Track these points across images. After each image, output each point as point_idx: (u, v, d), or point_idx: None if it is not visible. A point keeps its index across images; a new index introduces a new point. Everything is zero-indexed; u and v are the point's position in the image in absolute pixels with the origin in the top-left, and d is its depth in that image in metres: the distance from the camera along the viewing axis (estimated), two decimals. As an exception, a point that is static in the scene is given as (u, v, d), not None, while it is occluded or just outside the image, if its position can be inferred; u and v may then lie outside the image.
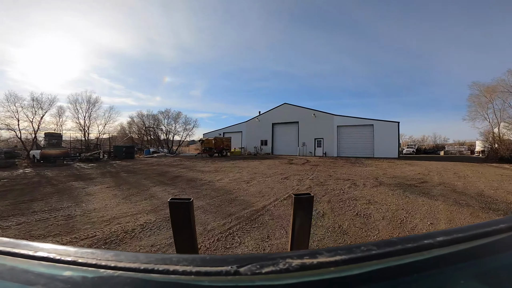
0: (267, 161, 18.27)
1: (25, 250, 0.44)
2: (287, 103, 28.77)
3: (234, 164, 15.69)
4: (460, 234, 0.43)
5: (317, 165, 15.35)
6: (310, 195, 0.83)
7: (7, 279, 0.39)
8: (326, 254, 0.37)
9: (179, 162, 18.07)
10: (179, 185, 8.00)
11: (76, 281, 0.37)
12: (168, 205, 0.78)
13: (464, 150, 37.57)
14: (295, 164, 15.88)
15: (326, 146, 25.42)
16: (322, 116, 25.91)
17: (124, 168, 14.16)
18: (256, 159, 19.87)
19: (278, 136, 29.10)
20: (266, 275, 0.34)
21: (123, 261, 0.38)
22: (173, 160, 19.73)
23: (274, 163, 16.17)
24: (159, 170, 12.63)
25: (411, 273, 0.37)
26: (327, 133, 25.39)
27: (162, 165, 15.26)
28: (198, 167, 13.99)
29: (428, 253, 0.39)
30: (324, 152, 25.28)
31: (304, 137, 26.63)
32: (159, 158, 22.56)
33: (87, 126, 27.16)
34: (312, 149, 26.13)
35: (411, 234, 3.27)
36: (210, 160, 19.17)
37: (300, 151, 26.61)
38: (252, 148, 30.03)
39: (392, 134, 22.93)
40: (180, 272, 0.35)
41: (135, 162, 18.81)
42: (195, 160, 19.48)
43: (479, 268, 0.41)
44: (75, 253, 0.42)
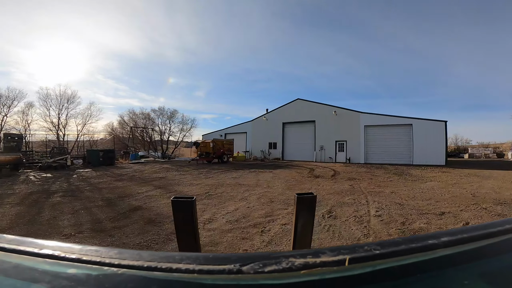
0: (280, 171, 14.02)
1: (30, 248, 0.45)
2: (301, 98, 24.56)
3: (237, 177, 11.44)
4: (465, 235, 0.43)
5: (354, 178, 11.04)
6: (313, 195, 0.87)
7: (12, 276, 0.40)
8: (329, 253, 0.37)
9: (164, 172, 13.95)
10: (118, 238, 3.87)
11: (80, 278, 0.38)
12: (171, 203, 0.81)
13: (490, 153, 33.82)
14: (321, 177, 11.58)
15: (350, 150, 21.04)
16: (345, 114, 21.58)
17: (75, 183, 10.05)
18: (266, 168, 15.64)
19: (290, 138, 24.82)
20: (269, 274, 0.34)
21: (126, 259, 0.39)
22: (158, 168, 15.63)
23: (292, 176, 11.92)
24: (121, 189, 8.50)
25: (415, 273, 0.37)
26: (352, 135, 21.03)
27: (136, 179, 11.14)
28: (183, 183, 9.79)
29: (432, 253, 0.39)
30: (348, 157, 20.91)
31: (322, 139, 22.31)
32: (144, 165, 18.52)
33: (62, 126, 23.36)
34: (332, 153, 21.77)
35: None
36: (206, 169, 14.99)
37: (317, 156, 22.27)
38: (259, 152, 25.83)
39: (437, 135, 18.47)
40: (183, 270, 0.35)
41: (109, 170, 14.80)
42: (186, 169, 15.33)
43: (484, 268, 0.41)
44: (79, 250, 0.43)
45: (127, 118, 34.18)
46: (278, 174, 12.60)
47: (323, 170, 14.44)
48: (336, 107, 22.08)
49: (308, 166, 17.27)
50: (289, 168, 15.93)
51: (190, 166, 17.51)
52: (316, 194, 0.89)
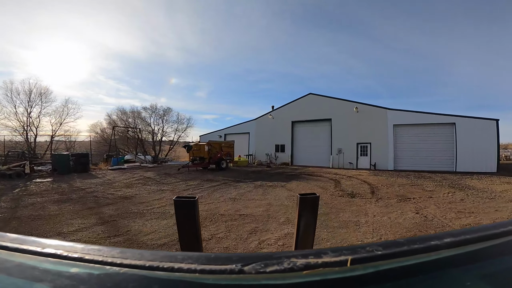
0: (296, 185, 10.63)
1: (33, 247, 0.46)
2: (314, 93, 21.17)
3: (237, 198, 8.07)
4: (468, 236, 0.43)
5: (406, 197, 7.76)
6: (315, 195, 0.90)
7: (14, 275, 0.41)
8: (331, 254, 0.38)
9: (139, 185, 10.61)
10: None
11: (82, 277, 0.38)
12: (174, 203, 0.83)
13: (511, 155, 30.82)
14: (358, 196, 8.20)
15: (376, 154, 17.59)
16: (368, 110, 18.14)
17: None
18: (275, 178, 12.25)
19: (301, 140, 21.40)
20: (271, 274, 0.35)
21: (128, 258, 0.39)
22: (136, 179, 12.31)
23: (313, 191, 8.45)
24: (42, 221, 5.16)
25: (417, 274, 0.37)
26: (377, 136, 17.60)
27: (90, 198, 7.83)
28: (152, 211, 6.46)
29: (434, 254, 0.39)
30: (373, 163, 17.45)
31: (340, 141, 18.88)
32: (123, 173, 15.23)
33: (33, 125, 20.18)
34: (352, 158, 18.33)
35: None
36: (198, 181, 11.64)
37: (334, 161, 18.83)
38: (263, 155, 22.45)
39: (486, 137, 14.99)
40: (184, 270, 0.36)
41: (72, 181, 11.55)
42: (172, 180, 12.00)
43: (486, 270, 0.41)
44: (82, 250, 0.44)
45: (116, 117, 31.07)
46: (294, 189, 9.21)
47: (352, 183, 11.01)
48: (358, 102, 18.66)
49: (328, 175, 13.84)
50: (306, 179, 12.51)
51: (180, 174, 14.17)
52: (319, 195, 0.90)
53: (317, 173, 14.58)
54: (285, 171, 15.86)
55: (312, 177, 13.03)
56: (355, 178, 12.42)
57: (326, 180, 11.86)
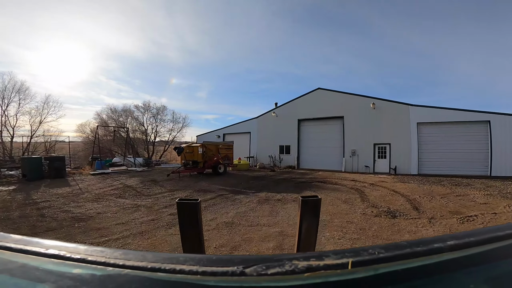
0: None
1: (36, 248, 0.46)
2: (323, 88, 19.07)
3: (235, 222, 6.05)
4: (471, 238, 0.43)
5: (461, 213, 5.51)
6: (317, 198, 0.88)
7: (18, 276, 0.42)
8: (333, 256, 0.38)
9: (114, 197, 8.55)
10: None
11: (85, 278, 0.39)
12: (176, 205, 0.84)
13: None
14: (400, 214, 6.05)
15: (396, 156, 15.50)
16: (388, 107, 16.04)
17: None
18: (283, 187, 10.17)
19: (309, 140, 19.31)
20: (272, 276, 0.35)
21: (131, 259, 0.40)
22: (115, 188, 10.24)
23: (341, 211, 6.52)
24: None
25: (420, 277, 0.37)
26: (398, 135, 15.50)
27: (33, 217, 5.73)
28: (109, 245, 4.27)
29: (438, 257, 0.39)
30: (393, 166, 15.33)
31: (354, 141, 16.79)
32: (103, 179, 13.17)
33: (9, 125, 18.15)
34: (368, 161, 16.23)
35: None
36: (188, 191, 9.57)
37: (348, 164, 16.73)
38: (266, 157, 20.38)
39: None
40: (186, 272, 0.36)
41: (38, 190, 9.49)
42: (156, 190, 9.93)
43: (490, 272, 0.41)
44: (85, 251, 0.44)
45: (105, 116, 29.02)
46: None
47: (380, 193, 8.91)
48: (375, 98, 16.54)
49: (346, 182, 11.72)
50: (320, 187, 10.40)
51: (168, 181, 12.07)
52: (321, 198, 0.88)
53: (331, 179, 12.47)
54: (293, 177, 13.76)
55: (327, 185, 10.91)
56: (380, 187, 10.32)
57: (346, 189, 9.75)
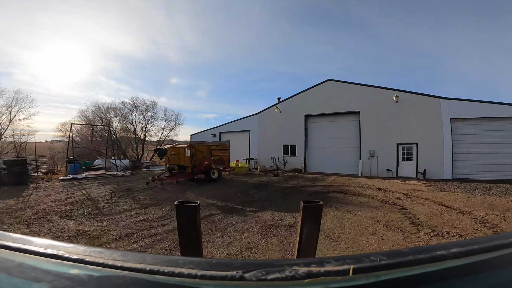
0: (335, 217, 6.14)
1: (35, 247, 0.46)
2: (333, 79, 16.69)
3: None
4: (475, 246, 0.43)
5: None
6: (319, 203, 0.89)
7: (15, 275, 0.42)
8: (333, 262, 0.38)
9: (62, 215, 6.25)
10: None
11: (82, 279, 0.39)
12: (175, 208, 0.84)
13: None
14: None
15: (425, 158, 13.14)
16: (414, 100, 13.66)
17: None
18: (293, 202, 7.77)
19: (317, 139, 16.92)
20: (272, 281, 0.35)
21: (129, 261, 0.40)
22: (73, 201, 7.91)
23: (378, 237, 3.97)
24: None
25: (422, 284, 0.37)
26: (427, 134, 13.15)
27: None
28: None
29: (440, 264, 0.39)
30: (422, 170, 12.96)
31: (373, 140, 14.41)
32: (71, 186, 10.84)
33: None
34: (391, 163, 13.85)
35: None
36: (166, 207, 7.19)
37: (365, 167, 14.34)
38: (268, 159, 18.03)
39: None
40: (185, 275, 0.36)
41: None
42: (122, 207, 7.55)
43: (493, 280, 0.41)
44: (83, 251, 0.44)
45: (90, 115, 26.59)
46: (340, 237, 4.72)
47: (429, 210, 6.53)
48: (396, 90, 14.15)
49: (371, 191, 9.34)
50: (343, 201, 8.00)
51: (147, 191, 9.67)
52: (322, 203, 0.90)
53: (351, 188, 10.07)
54: (302, 184, 11.36)
55: (350, 197, 8.51)
56: (420, 198, 7.94)
57: (378, 204, 7.36)
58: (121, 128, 26.34)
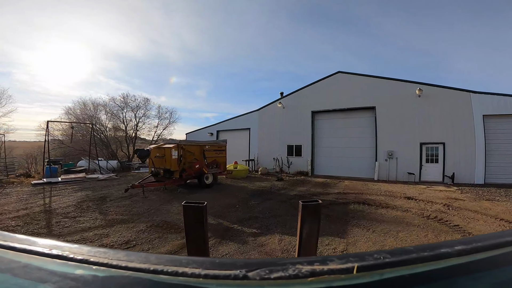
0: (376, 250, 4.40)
1: (40, 248, 0.46)
2: (344, 71, 15.04)
3: None
4: (479, 243, 0.43)
5: None
6: (318, 202, 0.89)
7: (20, 276, 0.42)
8: (337, 261, 0.38)
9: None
10: None
11: (87, 279, 0.39)
12: (182, 208, 0.85)
13: None
14: None
15: (453, 160, 11.52)
16: (440, 94, 12.03)
17: None
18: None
19: (326, 138, 15.28)
20: (275, 280, 0.35)
21: (133, 261, 0.40)
22: (25, 214, 6.24)
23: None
24: None
25: (426, 282, 0.37)
26: (455, 132, 11.55)
27: None
28: None
29: (444, 262, 0.39)
30: (450, 174, 11.32)
31: (392, 140, 12.78)
32: (38, 193, 9.24)
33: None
34: (413, 166, 12.22)
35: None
36: (142, 227, 5.48)
37: (383, 170, 12.71)
38: (270, 160, 16.43)
39: None
40: (189, 274, 0.36)
41: None
42: (80, 225, 5.82)
43: (498, 278, 0.41)
44: (88, 252, 0.44)
45: (79, 112, 24.91)
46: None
47: (488, 228, 4.80)
48: (419, 83, 12.49)
49: (400, 200, 7.69)
50: (369, 216, 6.34)
51: (124, 200, 8.02)
52: (321, 202, 0.89)
53: (372, 196, 8.42)
54: (312, 191, 9.71)
55: (377, 210, 6.85)
56: (465, 210, 6.29)
57: (417, 220, 5.69)
58: (112, 127, 24.75)
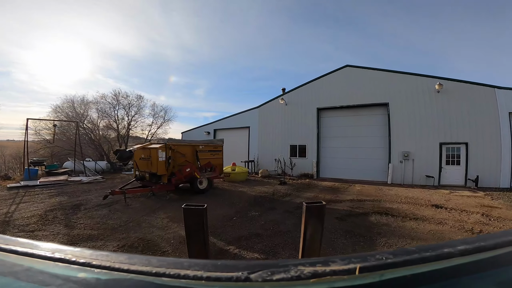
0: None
1: (42, 251, 0.47)
2: (352, 65, 13.93)
3: None
4: (482, 243, 0.43)
5: None
6: (322, 203, 0.91)
7: (23, 279, 0.42)
8: (339, 262, 0.38)
9: None
10: None
11: (90, 282, 0.39)
12: (182, 211, 0.86)
13: None
14: None
15: (476, 162, 10.46)
16: (460, 90, 10.93)
17: None
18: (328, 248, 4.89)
19: (332, 138, 14.17)
20: (277, 282, 0.35)
21: (136, 264, 0.40)
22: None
23: None
24: None
25: (429, 282, 0.37)
26: (479, 131, 10.50)
27: None
28: None
29: (447, 262, 0.39)
30: (473, 177, 10.22)
31: (407, 139, 11.70)
32: (9, 198, 7.97)
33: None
34: (431, 168, 11.11)
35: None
36: (108, 248, 4.26)
37: (397, 173, 11.61)
38: (271, 161, 15.33)
39: None
40: (191, 277, 0.37)
41: None
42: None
43: (500, 277, 0.41)
44: (90, 255, 0.45)
45: (68, 109, 23.71)
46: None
47: None
48: (438, 77, 11.37)
49: (427, 210, 6.58)
50: (406, 234, 5.22)
51: (101, 209, 6.87)
52: (325, 203, 0.90)
53: (394, 205, 7.29)
54: (322, 197, 8.56)
55: (405, 222, 5.73)
56: (510, 221, 5.16)
57: (463, 236, 4.56)
58: (105, 126, 23.58)
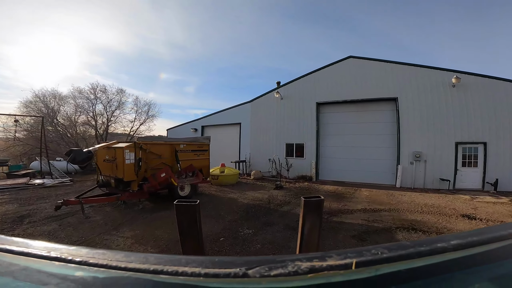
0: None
1: (38, 250, 0.47)
2: (356, 56, 12.72)
3: None
4: (475, 238, 0.44)
5: None
6: (320, 198, 0.91)
7: (20, 279, 0.42)
8: (336, 257, 0.39)
9: None
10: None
11: (87, 281, 0.40)
12: (174, 207, 0.84)
13: None
14: None
15: (496, 163, 9.48)
16: (479, 84, 9.87)
17: None
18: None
19: (334, 136, 12.93)
20: (275, 277, 0.36)
21: (133, 262, 0.41)
22: None
23: None
24: None
25: (424, 277, 0.38)
26: (499, 130, 9.54)
27: None
28: None
29: (441, 256, 0.40)
30: (492, 180, 9.23)
31: (418, 139, 10.60)
32: None
33: None
34: (446, 170, 10.06)
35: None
36: None
37: (407, 175, 10.50)
38: (265, 161, 13.99)
39: None
40: (189, 274, 0.37)
41: None
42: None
43: (494, 272, 0.42)
44: (86, 253, 0.45)
45: (43, 104, 21.59)
46: None
47: None
48: (453, 70, 10.26)
49: (462, 222, 5.36)
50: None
51: (50, 222, 5.30)
52: (323, 198, 0.91)
53: (417, 216, 6.04)
54: (327, 206, 7.23)
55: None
56: None
57: None
58: (83, 122, 21.65)
